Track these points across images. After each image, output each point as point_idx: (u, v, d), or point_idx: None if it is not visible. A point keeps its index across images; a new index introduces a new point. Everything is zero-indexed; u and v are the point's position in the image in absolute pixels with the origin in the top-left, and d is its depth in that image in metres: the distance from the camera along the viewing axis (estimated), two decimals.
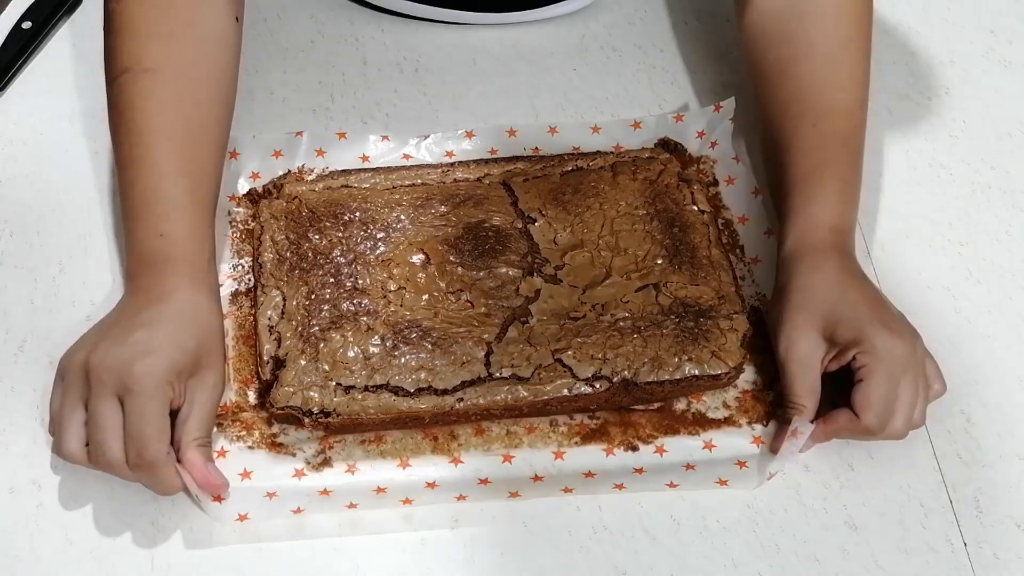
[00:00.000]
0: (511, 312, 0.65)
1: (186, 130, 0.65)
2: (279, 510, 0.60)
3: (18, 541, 0.59)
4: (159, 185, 0.63)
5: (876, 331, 0.60)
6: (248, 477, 0.61)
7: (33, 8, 0.84)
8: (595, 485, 0.61)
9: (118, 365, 0.57)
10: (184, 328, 0.60)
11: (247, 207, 0.73)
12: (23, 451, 0.63)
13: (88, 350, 0.58)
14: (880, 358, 0.60)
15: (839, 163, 0.68)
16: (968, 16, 0.89)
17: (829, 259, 0.64)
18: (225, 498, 0.59)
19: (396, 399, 0.62)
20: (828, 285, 0.63)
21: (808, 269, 0.64)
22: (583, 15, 0.87)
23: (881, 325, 0.61)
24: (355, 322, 0.64)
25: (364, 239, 0.68)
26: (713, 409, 0.65)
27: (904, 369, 0.60)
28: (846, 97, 0.70)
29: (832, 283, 0.63)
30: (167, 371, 0.57)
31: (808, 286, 0.63)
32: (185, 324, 0.60)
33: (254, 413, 0.64)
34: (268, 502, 0.60)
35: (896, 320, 0.62)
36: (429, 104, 0.81)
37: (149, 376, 0.56)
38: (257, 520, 0.60)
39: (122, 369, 0.56)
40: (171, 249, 0.62)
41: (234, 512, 0.59)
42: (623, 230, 0.70)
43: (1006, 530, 0.62)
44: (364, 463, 0.62)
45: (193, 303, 0.61)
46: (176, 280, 0.62)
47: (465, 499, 0.60)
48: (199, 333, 0.60)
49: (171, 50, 0.65)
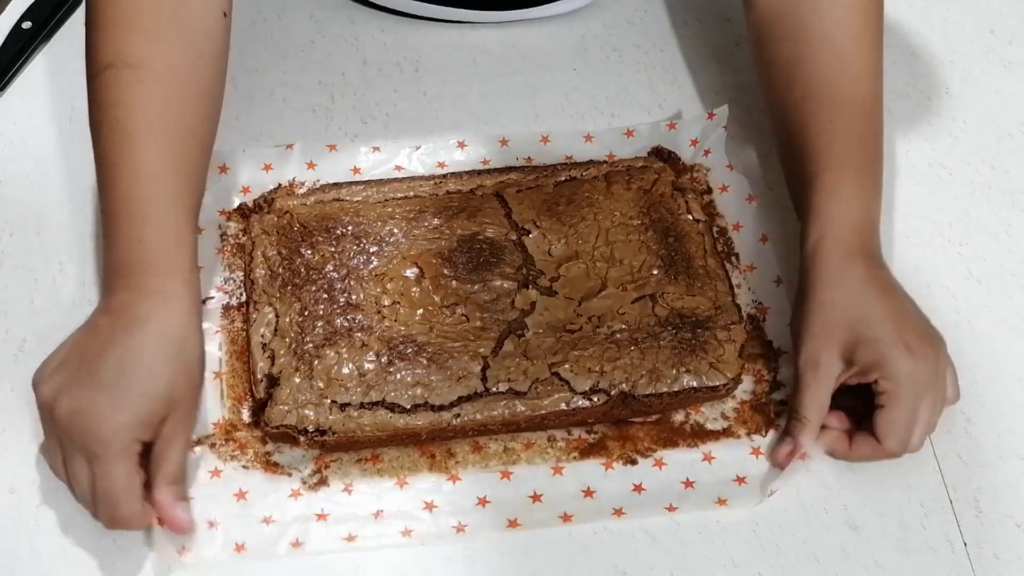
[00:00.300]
0: (507, 325, 0.65)
1: (172, 129, 0.61)
2: (276, 539, 0.59)
3: (18, 541, 0.59)
4: (142, 188, 0.59)
5: (897, 356, 0.59)
6: (244, 498, 0.60)
7: (33, 8, 0.84)
8: (595, 511, 0.61)
9: (83, 424, 0.54)
10: (158, 370, 0.56)
11: (238, 221, 0.72)
12: (23, 451, 0.62)
13: (54, 390, 0.55)
14: (901, 385, 0.59)
15: (858, 159, 0.66)
16: (968, 16, 0.89)
17: (853, 266, 0.63)
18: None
19: (392, 416, 0.61)
20: (851, 300, 0.61)
21: (832, 280, 0.62)
22: (583, 15, 0.87)
23: (903, 348, 0.59)
24: (349, 338, 0.64)
25: (357, 253, 0.68)
26: (712, 420, 0.65)
27: (925, 390, 0.60)
28: (862, 91, 0.68)
29: (855, 298, 0.61)
30: (135, 427, 0.54)
31: (832, 301, 0.62)
32: (160, 364, 0.56)
33: (248, 432, 0.63)
34: (265, 528, 0.59)
35: (919, 337, 0.61)
36: (429, 104, 0.81)
37: (114, 439, 0.54)
38: (254, 551, 0.58)
39: (87, 429, 0.54)
40: (151, 258, 0.58)
41: (230, 542, 0.59)
42: (618, 240, 0.69)
43: (1006, 530, 0.62)
44: (361, 482, 0.62)
45: (171, 333, 0.57)
46: (154, 300, 0.57)
47: (464, 530, 0.60)
48: (175, 374, 0.56)
49: (157, 45, 0.62)
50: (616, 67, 0.85)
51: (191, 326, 0.58)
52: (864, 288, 0.62)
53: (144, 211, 0.59)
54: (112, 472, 0.54)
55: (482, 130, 0.79)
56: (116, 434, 0.54)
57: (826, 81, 0.68)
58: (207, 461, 0.62)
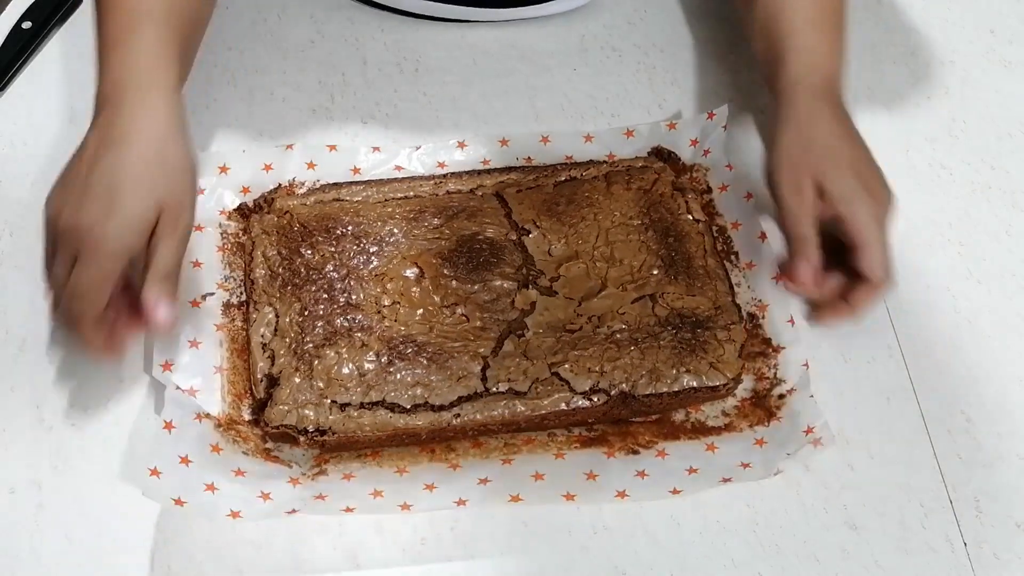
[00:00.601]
0: (507, 325, 0.65)
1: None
2: (272, 511, 0.59)
3: (18, 541, 0.59)
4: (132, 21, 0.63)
5: (862, 203, 0.64)
6: (242, 475, 0.60)
7: (33, 8, 0.84)
8: (597, 492, 0.61)
9: (76, 229, 0.57)
10: (147, 176, 0.58)
11: (238, 221, 0.72)
12: (23, 451, 0.63)
13: (56, 207, 0.58)
14: (871, 224, 0.64)
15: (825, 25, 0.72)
16: (968, 16, 0.89)
17: (825, 109, 0.68)
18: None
19: (392, 416, 0.61)
20: (824, 138, 0.67)
21: (807, 119, 0.68)
22: (583, 15, 0.87)
23: (868, 195, 0.65)
24: (349, 338, 0.64)
25: (357, 253, 0.68)
26: (712, 418, 0.65)
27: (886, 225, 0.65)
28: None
29: (827, 137, 0.67)
30: (123, 233, 0.57)
31: (808, 137, 0.67)
32: (142, 173, 0.58)
33: (248, 429, 0.63)
34: (262, 503, 0.59)
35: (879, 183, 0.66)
36: (429, 104, 0.81)
37: (103, 242, 0.57)
38: (249, 517, 0.58)
39: (80, 236, 0.57)
40: (132, 76, 0.61)
41: (226, 508, 0.58)
42: (618, 240, 0.69)
43: (1006, 530, 0.62)
44: (360, 471, 0.62)
45: (152, 144, 0.59)
46: (135, 113, 0.60)
47: (465, 503, 0.60)
48: (157, 179, 0.59)
49: None
50: (616, 67, 0.85)
51: (172, 136, 0.61)
52: (833, 129, 0.68)
53: (130, 41, 0.62)
54: (86, 273, 0.57)
55: (482, 130, 0.79)
56: (104, 238, 0.57)
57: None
58: (209, 436, 0.61)
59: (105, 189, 0.57)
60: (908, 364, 0.68)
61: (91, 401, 0.65)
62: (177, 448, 0.59)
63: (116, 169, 0.58)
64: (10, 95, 0.80)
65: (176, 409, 0.60)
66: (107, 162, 0.58)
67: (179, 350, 0.65)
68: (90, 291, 0.57)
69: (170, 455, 0.58)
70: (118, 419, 0.64)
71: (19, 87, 0.81)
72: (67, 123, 0.78)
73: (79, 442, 0.63)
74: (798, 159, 0.66)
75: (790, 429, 0.63)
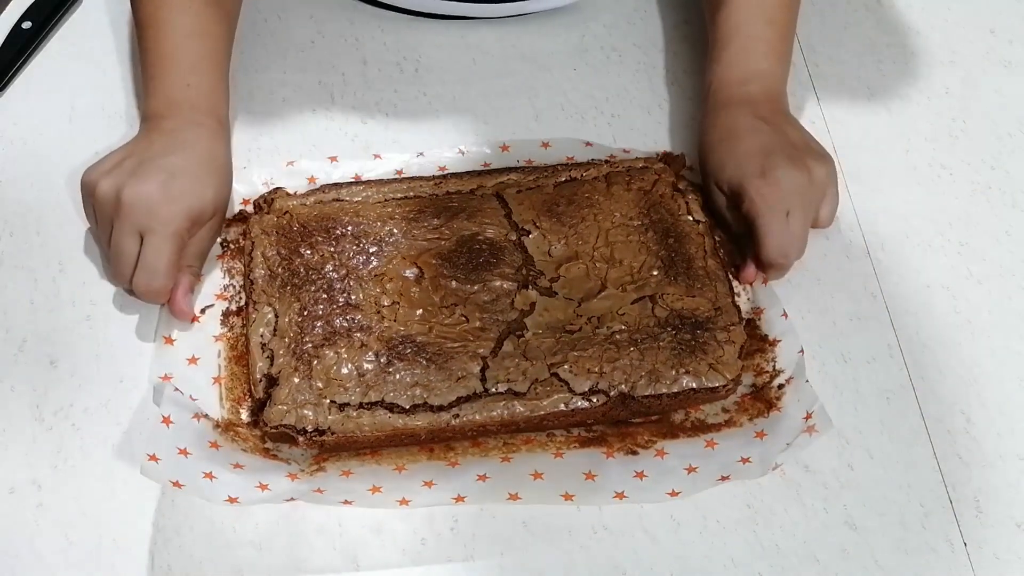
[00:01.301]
0: (506, 326, 0.65)
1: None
2: (270, 499, 0.59)
3: (18, 541, 0.59)
4: (182, 43, 0.72)
5: (752, 182, 0.68)
6: (240, 467, 0.60)
7: (33, 8, 0.84)
8: (595, 492, 0.61)
9: (146, 207, 0.64)
10: (204, 178, 0.68)
11: (238, 227, 0.72)
12: (23, 451, 0.63)
13: (119, 181, 0.65)
14: (755, 204, 0.67)
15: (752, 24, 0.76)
16: (968, 16, 0.89)
17: (732, 113, 0.72)
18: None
19: (391, 416, 0.61)
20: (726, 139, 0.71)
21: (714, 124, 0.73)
22: (583, 15, 0.87)
23: (759, 175, 0.68)
24: (348, 338, 0.64)
25: (356, 253, 0.68)
26: (712, 415, 0.65)
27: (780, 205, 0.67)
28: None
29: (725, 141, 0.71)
30: (186, 218, 0.65)
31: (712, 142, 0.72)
32: (205, 175, 0.68)
33: (247, 430, 0.63)
34: (259, 492, 0.59)
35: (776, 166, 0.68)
36: (429, 104, 0.81)
37: (171, 222, 0.65)
38: (247, 502, 0.58)
39: (149, 211, 0.64)
40: (196, 99, 0.71)
41: (224, 494, 0.58)
42: (618, 241, 0.69)
43: (1006, 530, 0.62)
44: (359, 468, 0.62)
45: (213, 154, 0.70)
46: (200, 131, 0.70)
47: (463, 500, 0.60)
48: (216, 184, 0.69)
49: None
50: (616, 67, 0.85)
51: (226, 153, 0.72)
52: (735, 128, 0.72)
53: (187, 63, 0.72)
54: (162, 247, 0.64)
55: (482, 131, 0.79)
56: (173, 218, 0.65)
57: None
58: (208, 434, 0.61)
59: (171, 179, 0.65)
60: (908, 364, 0.68)
61: (91, 401, 0.65)
62: (176, 441, 0.59)
63: (183, 168, 0.67)
64: (10, 95, 0.80)
65: (174, 407, 0.60)
66: (174, 159, 0.67)
67: (178, 366, 0.65)
68: (166, 263, 0.64)
69: (168, 446, 0.58)
70: (118, 419, 0.64)
71: (19, 87, 0.81)
72: (67, 123, 0.78)
73: (79, 442, 0.63)
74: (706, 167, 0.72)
75: (789, 418, 0.62)
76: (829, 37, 0.87)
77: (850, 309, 0.70)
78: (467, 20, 0.86)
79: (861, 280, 0.72)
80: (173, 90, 0.71)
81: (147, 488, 0.60)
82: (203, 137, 0.70)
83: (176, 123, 0.70)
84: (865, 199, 0.76)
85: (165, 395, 0.61)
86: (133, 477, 0.61)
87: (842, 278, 0.72)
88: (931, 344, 0.69)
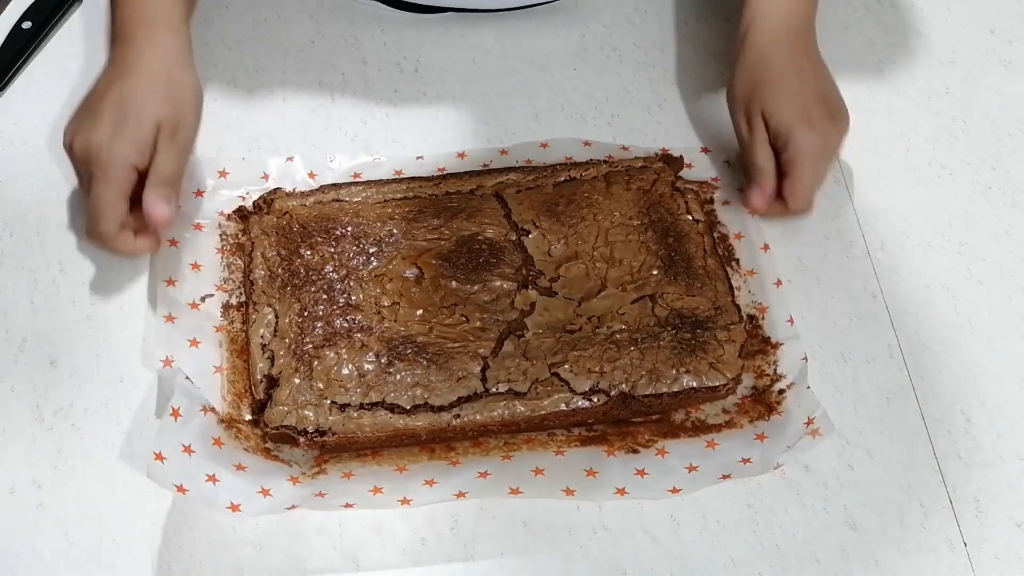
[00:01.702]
0: (506, 326, 0.65)
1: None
2: (272, 508, 0.59)
3: (18, 541, 0.59)
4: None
5: (800, 131, 0.70)
6: (243, 469, 0.60)
7: (33, 8, 0.84)
8: (597, 488, 0.60)
9: (87, 153, 0.64)
10: (153, 95, 0.66)
11: (237, 222, 0.72)
12: (23, 451, 0.63)
13: (72, 134, 0.66)
14: (802, 155, 0.69)
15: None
16: (968, 16, 0.89)
17: (776, 48, 0.74)
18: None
19: (392, 416, 0.61)
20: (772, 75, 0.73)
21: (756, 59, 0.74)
22: (583, 15, 0.87)
23: (806, 124, 0.70)
24: (349, 339, 0.64)
25: (356, 254, 0.68)
26: (713, 416, 0.65)
27: (820, 160, 0.71)
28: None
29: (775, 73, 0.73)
30: (129, 153, 0.64)
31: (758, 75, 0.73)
32: (155, 90, 0.66)
33: (249, 428, 0.63)
34: (261, 498, 0.59)
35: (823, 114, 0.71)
36: (429, 104, 0.81)
37: (111, 163, 0.64)
38: (249, 513, 0.58)
39: (90, 157, 0.64)
40: (142, 15, 0.69)
41: (226, 500, 0.58)
42: (617, 241, 0.69)
43: (1006, 530, 0.62)
44: (360, 470, 0.62)
45: (157, 72, 0.67)
46: (144, 47, 0.68)
47: (465, 496, 0.60)
48: (170, 95, 0.67)
49: None
50: (616, 67, 0.85)
51: (178, 65, 0.69)
52: (783, 67, 0.73)
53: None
54: (102, 192, 0.64)
55: (482, 131, 0.79)
56: (112, 159, 0.64)
57: None
58: (212, 429, 0.61)
59: (113, 114, 0.65)
60: (908, 364, 0.68)
61: (91, 401, 0.65)
62: (181, 436, 0.58)
63: (124, 94, 0.66)
64: (10, 95, 0.80)
65: (184, 398, 0.60)
66: (115, 89, 0.66)
67: (179, 348, 0.65)
68: (105, 206, 0.63)
69: (174, 442, 0.58)
70: (118, 419, 0.64)
71: (19, 87, 0.81)
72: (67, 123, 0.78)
73: (79, 442, 0.63)
74: (748, 95, 0.73)
75: (790, 422, 0.62)
76: (829, 37, 0.87)
77: (850, 309, 0.70)
78: (467, 20, 0.86)
79: (861, 280, 0.72)
80: (124, 10, 0.70)
81: (147, 488, 0.60)
82: (157, 54, 0.68)
83: (121, 48, 0.69)
84: (865, 199, 0.76)
85: (177, 385, 0.60)
86: (133, 477, 0.61)
87: (842, 278, 0.72)
88: (931, 344, 0.69)
